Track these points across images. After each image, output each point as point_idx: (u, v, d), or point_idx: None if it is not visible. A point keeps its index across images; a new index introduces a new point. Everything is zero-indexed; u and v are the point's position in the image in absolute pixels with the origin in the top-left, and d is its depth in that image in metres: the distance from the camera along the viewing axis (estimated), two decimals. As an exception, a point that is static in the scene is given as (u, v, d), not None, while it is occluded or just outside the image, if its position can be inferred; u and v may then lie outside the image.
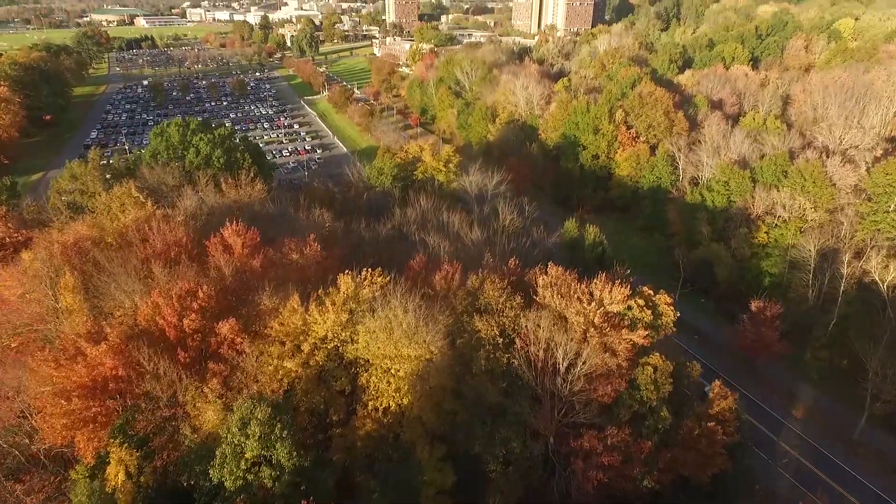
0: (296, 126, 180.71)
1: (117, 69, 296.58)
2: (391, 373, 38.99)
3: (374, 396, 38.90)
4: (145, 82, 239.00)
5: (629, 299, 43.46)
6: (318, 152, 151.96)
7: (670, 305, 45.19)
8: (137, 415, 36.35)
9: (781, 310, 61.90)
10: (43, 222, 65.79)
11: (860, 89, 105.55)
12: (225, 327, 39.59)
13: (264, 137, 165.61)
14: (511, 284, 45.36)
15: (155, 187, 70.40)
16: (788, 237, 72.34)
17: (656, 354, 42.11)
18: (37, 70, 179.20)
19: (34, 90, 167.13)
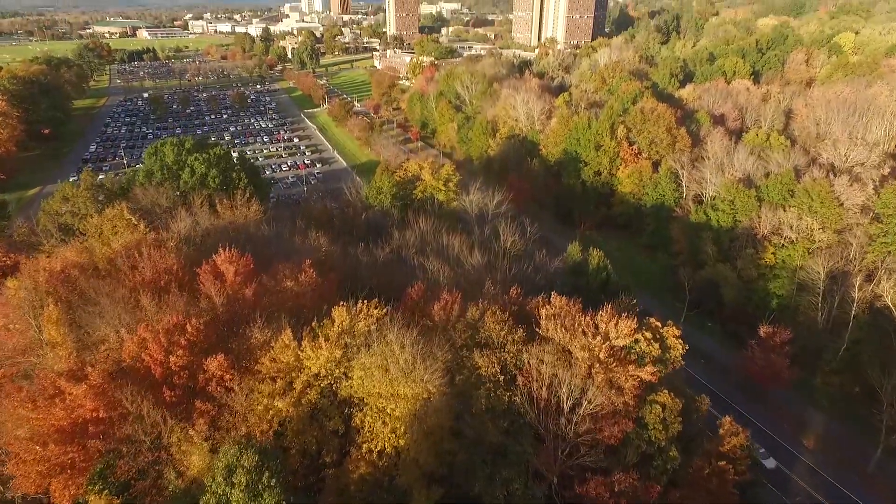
0: (295, 140, 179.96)
1: (118, 81, 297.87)
2: (387, 412, 37.20)
3: (369, 438, 37.04)
4: (146, 95, 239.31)
5: (636, 332, 41.64)
6: (318, 166, 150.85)
7: (679, 338, 43.31)
8: (118, 459, 34.55)
9: (791, 336, 60.09)
10: (33, 245, 64.19)
11: (863, 104, 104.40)
12: (213, 364, 37.88)
13: (264, 151, 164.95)
14: (513, 315, 43.68)
15: (148, 208, 68.98)
16: (796, 258, 70.64)
17: (665, 391, 40.23)
18: (36, 83, 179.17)
19: (33, 104, 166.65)
